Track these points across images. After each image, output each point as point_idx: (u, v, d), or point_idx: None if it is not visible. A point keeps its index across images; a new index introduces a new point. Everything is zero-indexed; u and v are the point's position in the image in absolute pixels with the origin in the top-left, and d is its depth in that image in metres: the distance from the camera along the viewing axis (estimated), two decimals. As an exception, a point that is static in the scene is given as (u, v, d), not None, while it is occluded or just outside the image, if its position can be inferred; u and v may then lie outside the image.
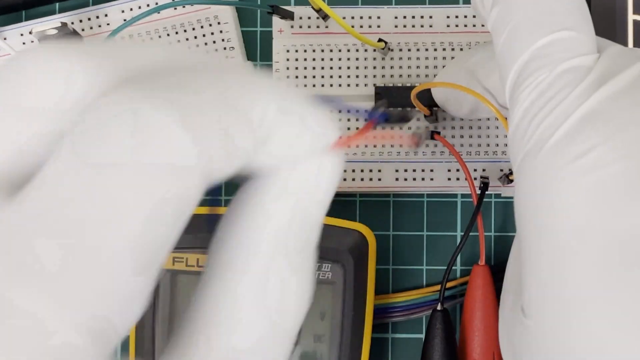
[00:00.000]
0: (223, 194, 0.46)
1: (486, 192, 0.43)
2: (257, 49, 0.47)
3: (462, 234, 0.45)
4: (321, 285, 0.41)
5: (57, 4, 0.47)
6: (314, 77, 0.45)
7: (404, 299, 0.45)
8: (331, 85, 0.45)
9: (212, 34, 0.46)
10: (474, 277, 0.43)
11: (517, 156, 0.30)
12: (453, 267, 0.45)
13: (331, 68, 0.45)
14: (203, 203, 0.46)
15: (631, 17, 0.42)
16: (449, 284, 0.45)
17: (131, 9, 0.46)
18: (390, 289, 0.45)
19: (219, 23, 0.46)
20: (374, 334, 0.42)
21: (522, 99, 0.30)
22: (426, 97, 0.42)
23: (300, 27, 0.46)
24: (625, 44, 0.42)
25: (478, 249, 0.44)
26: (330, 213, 0.43)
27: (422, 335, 0.45)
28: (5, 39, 0.46)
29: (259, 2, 0.47)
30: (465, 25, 0.45)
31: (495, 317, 0.43)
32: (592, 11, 0.42)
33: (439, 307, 0.43)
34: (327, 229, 0.40)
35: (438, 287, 0.44)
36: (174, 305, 0.42)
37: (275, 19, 0.45)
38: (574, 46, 0.30)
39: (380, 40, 0.45)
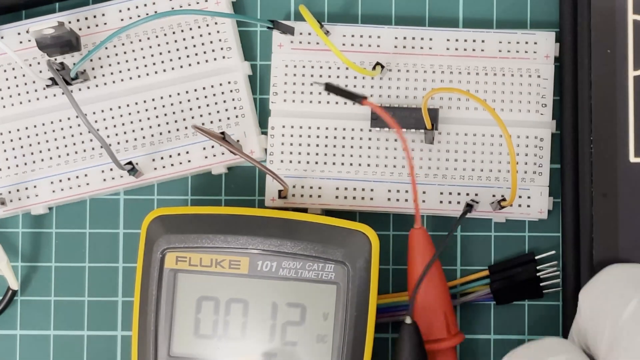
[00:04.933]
0: (223, 194, 0.46)
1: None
2: (257, 49, 0.47)
3: (463, 233, 0.46)
4: (324, 286, 0.42)
5: (57, 4, 0.47)
6: (311, 93, 0.46)
7: (404, 298, 0.45)
8: (328, 103, 0.46)
9: (209, 34, 0.46)
10: (412, 242, 0.43)
11: None
12: (453, 267, 0.46)
13: (328, 85, 0.45)
14: (206, 203, 0.46)
15: (631, 17, 0.42)
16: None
17: (128, 9, 0.46)
18: (390, 289, 0.46)
19: (216, 23, 0.46)
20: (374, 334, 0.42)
21: None
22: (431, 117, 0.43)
23: (300, 42, 0.46)
24: (625, 44, 0.42)
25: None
26: (333, 213, 0.44)
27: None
28: (2, 37, 0.46)
29: (258, 16, 0.47)
30: (465, 49, 0.45)
31: (440, 277, 0.43)
32: (592, 11, 0.42)
33: (408, 321, 0.41)
34: (330, 230, 0.41)
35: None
36: (175, 305, 0.42)
37: (275, 34, 0.46)
38: None
39: (377, 64, 0.45)
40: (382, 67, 0.45)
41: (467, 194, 0.45)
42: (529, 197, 0.45)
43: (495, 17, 0.46)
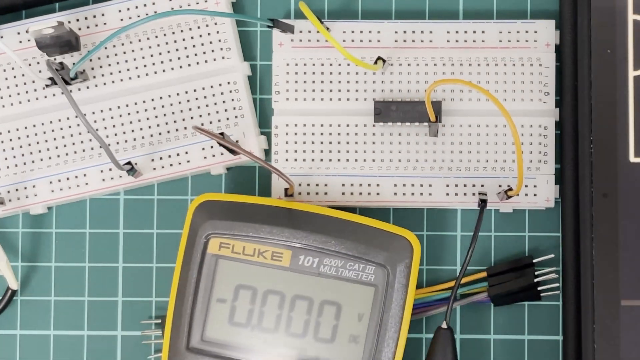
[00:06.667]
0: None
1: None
2: (257, 49, 0.47)
3: (462, 233, 0.46)
4: (363, 287, 0.42)
5: (57, 4, 0.47)
6: (313, 90, 0.46)
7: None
8: (330, 100, 0.46)
9: (209, 34, 0.46)
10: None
11: None
12: (452, 267, 0.46)
13: (331, 82, 0.46)
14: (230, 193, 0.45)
15: (631, 17, 0.42)
16: (442, 286, 0.45)
17: (128, 9, 0.46)
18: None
19: (215, 24, 0.46)
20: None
21: None
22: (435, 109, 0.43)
23: (301, 40, 0.46)
24: (625, 44, 0.42)
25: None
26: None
27: (421, 336, 0.46)
28: (2, 37, 0.46)
29: (258, 16, 0.47)
30: (465, 41, 0.45)
31: None
32: (592, 11, 0.42)
33: (444, 326, 0.43)
34: (375, 232, 0.42)
35: (438, 288, 0.45)
36: (213, 290, 0.42)
37: (275, 33, 0.46)
38: None
39: (379, 59, 0.45)
40: (384, 61, 0.45)
41: (474, 185, 0.45)
42: (535, 186, 0.45)
43: (496, 8, 0.47)
